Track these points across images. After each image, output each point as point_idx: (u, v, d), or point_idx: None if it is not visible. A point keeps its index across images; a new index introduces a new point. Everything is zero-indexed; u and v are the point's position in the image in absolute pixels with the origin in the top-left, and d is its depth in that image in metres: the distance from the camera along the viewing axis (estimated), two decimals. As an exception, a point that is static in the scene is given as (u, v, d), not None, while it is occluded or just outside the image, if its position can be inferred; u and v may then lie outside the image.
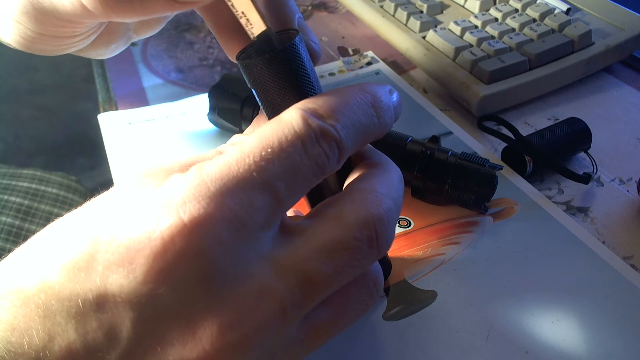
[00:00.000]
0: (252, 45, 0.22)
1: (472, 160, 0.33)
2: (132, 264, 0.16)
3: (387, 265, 0.30)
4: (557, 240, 0.33)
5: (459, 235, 0.33)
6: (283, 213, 0.19)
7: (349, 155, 0.21)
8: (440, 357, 0.27)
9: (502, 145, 0.40)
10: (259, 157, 0.18)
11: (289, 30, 0.23)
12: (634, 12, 0.49)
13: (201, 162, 0.19)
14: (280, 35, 0.23)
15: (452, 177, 0.33)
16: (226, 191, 0.17)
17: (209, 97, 0.40)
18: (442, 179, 0.33)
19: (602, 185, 0.38)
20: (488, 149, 0.41)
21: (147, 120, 0.43)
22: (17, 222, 0.57)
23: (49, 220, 0.19)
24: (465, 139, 0.41)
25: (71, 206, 0.19)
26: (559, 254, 0.32)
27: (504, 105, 0.44)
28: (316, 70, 0.23)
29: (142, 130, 0.42)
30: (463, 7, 0.54)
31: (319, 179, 0.19)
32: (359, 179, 0.21)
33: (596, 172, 0.38)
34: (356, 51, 0.53)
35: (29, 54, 0.27)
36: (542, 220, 0.34)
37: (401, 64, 0.51)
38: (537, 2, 0.51)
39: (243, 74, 0.22)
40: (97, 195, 0.19)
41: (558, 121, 0.40)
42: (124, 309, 0.16)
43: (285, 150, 0.18)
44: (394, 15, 0.54)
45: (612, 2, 0.51)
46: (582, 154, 0.39)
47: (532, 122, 0.43)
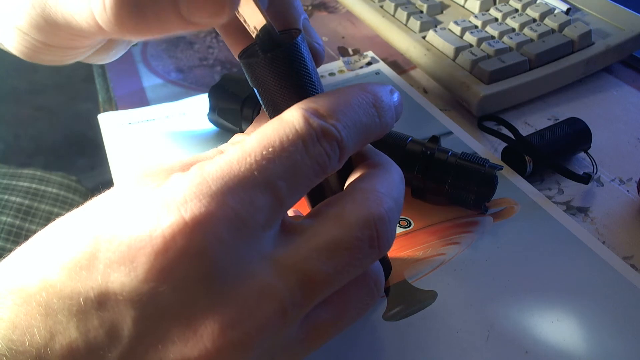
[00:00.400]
0: (255, 44, 0.22)
1: (472, 160, 0.33)
2: (134, 262, 0.16)
3: (387, 266, 0.30)
4: (557, 240, 0.33)
5: (459, 235, 0.33)
6: (284, 212, 0.19)
7: (350, 155, 0.21)
8: (440, 357, 0.27)
9: (502, 145, 0.40)
10: (260, 156, 0.18)
11: (291, 29, 0.23)
12: (634, 12, 0.49)
13: (202, 161, 0.19)
14: (283, 35, 0.23)
15: (452, 177, 0.33)
16: (227, 190, 0.17)
17: (209, 97, 0.40)
18: (442, 179, 0.33)
19: (602, 185, 0.38)
20: (488, 149, 0.41)
21: (147, 120, 0.43)
22: (17, 222, 0.57)
23: (49, 220, 0.19)
24: (465, 139, 0.41)
25: (71, 206, 0.19)
26: (559, 254, 0.32)
27: (504, 105, 0.44)
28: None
29: (142, 130, 0.42)
30: (463, 7, 0.54)
31: (320, 178, 0.19)
32: (360, 178, 0.21)
33: (596, 172, 0.38)
34: (356, 51, 0.53)
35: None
36: (542, 220, 0.34)
37: (401, 64, 0.51)
38: (537, 2, 0.51)
39: (245, 72, 0.22)
40: (98, 195, 0.19)
41: (558, 121, 0.40)
42: (125, 307, 0.16)
43: (286, 149, 0.18)
44: (394, 15, 0.54)
45: (612, 2, 0.51)
46: (582, 154, 0.39)
47: (532, 122, 0.43)
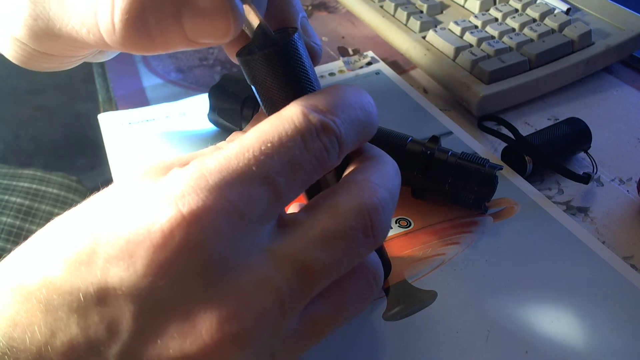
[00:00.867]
0: (252, 42, 0.22)
1: (472, 160, 0.33)
2: (132, 257, 0.16)
3: (387, 265, 0.30)
4: (557, 240, 0.33)
5: (459, 235, 0.33)
6: (282, 207, 0.19)
7: (348, 152, 0.21)
8: (440, 357, 0.27)
9: (502, 145, 0.40)
10: (258, 152, 0.18)
11: (288, 27, 0.23)
12: (634, 12, 0.49)
13: (201, 157, 0.19)
14: (280, 33, 0.23)
15: (452, 177, 0.33)
16: (225, 184, 0.17)
17: (209, 97, 0.40)
18: (442, 179, 0.33)
19: (602, 185, 0.38)
20: (488, 149, 0.41)
21: (147, 120, 0.43)
22: (17, 223, 0.57)
23: (50, 220, 0.19)
24: (465, 139, 0.41)
25: (72, 206, 0.19)
26: (559, 253, 0.32)
27: (504, 105, 0.44)
28: (316, 71, 0.23)
29: (142, 130, 0.42)
30: (463, 7, 0.54)
31: (319, 174, 0.19)
32: (354, 171, 0.21)
33: (596, 172, 0.38)
34: (356, 51, 0.53)
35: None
36: (542, 220, 0.34)
37: (401, 64, 0.52)
38: (537, 2, 0.51)
39: (243, 70, 0.22)
40: (97, 193, 0.19)
41: (558, 121, 0.40)
42: (124, 302, 0.16)
43: (285, 144, 0.18)
44: (394, 15, 0.54)
45: (612, 2, 0.51)
46: (582, 154, 0.39)
47: (532, 122, 0.43)
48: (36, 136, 1.33)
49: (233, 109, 0.38)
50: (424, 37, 0.50)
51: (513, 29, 0.48)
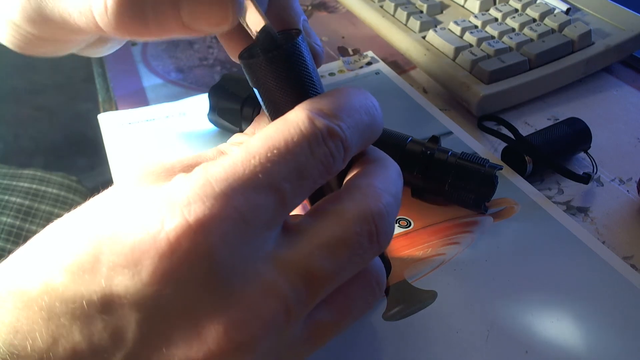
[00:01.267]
0: (255, 44, 0.22)
1: (472, 160, 0.33)
2: (138, 265, 0.16)
3: (387, 265, 0.30)
4: (557, 240, 0.33)
5: (459, 235, 0.33)
6: (288, 213, 0.19)
7: (353, 156, 0.21)
8: (440, 357, 0.27)
9: (502, 145, 0.40)
10: (264, 158, 0.18)
11: (291, 30, 0.23)
12: (634, 12, 0.49)
13: (205, 162, 0.19)
14: (283, 35, 0.23)
15: (452, 177, 0.33)
16: (231, 192, 0.17)
17: (209, 97, 0.40)
18: (442, 179, 0.33)
19: (602, 185, 0.38)
20: (488, 149, 0.41)
21: (147, 120, 0.43)
22: (17, 223, 0.57)
23: (50, 220, 0.19)
24: (465, 139, 0.41)
25: (72, 206, 0.19)
26: (559, 254, 0.32)
27: (504, 105, 0.44)
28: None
29: (142, 130, 0.42)
30: (463, 7, 0.54)
31: (324, 179, 0.19)
32: (358, 175, 0.21)
33: (596, 172, 0.38)
34: (356, 51, 0.53)
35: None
36: (542, 220, 0.34)
37: (401, 64, 0.52)
38: (537, 2, 0.51)
39: (245, 73, 0.22)
40: (96, 195, 0.19)
41: (558, 121, 0.40)
42: (129, 311, 0.16)
43: (291, 151, 0.18)
44: (394, 15, 0.54)
45: (612, 2, 0.51)
46: (582, 154, 0.39)
47: (532, 122, 0.43)
48: (36, 136, 1.33)
49: (233, 109, 0.38)
50: (423, 37, 0.50)
51: (513, 29, 0.48)
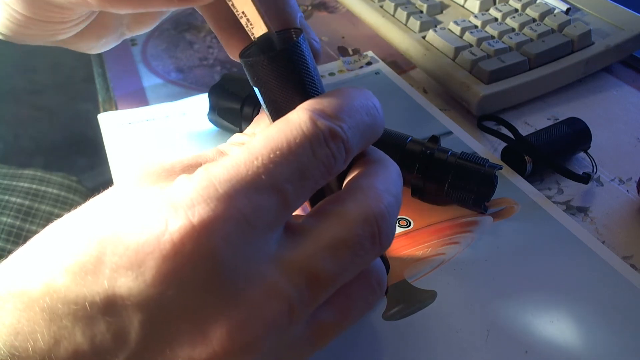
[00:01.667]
0: (255, 43, 0.22)
1: (472, 160, 0.33)
2: (141, 267, 0.16)
3: (385, 265, 0.30)
4: (557, 240, 0.33)
5: (459, 235, 0.33)
6: (290, 214, 0.19)
7: (354, 156, 0.21)
8: (439, 357, 0.27)
9: (502, 145, 0.40)
10: (267, 160, 0.18)
11: (291, 29, 0.23)
12: (634, 12, 0.49)
13: (205, 162, 0.19)
14: (283, 34, 0.23)
15: (452, 177, 0.33)
16: (234, 193, 0.17)
17: (209, 97, 0.40)
18: (442, 178, 0.33)
19: (602, 185, 0.38)
20: (488, 149, 0.41)
21: (147, 120, 0.43)
22: (17, 223, 0.57)
23: (50, 220, 0.19)
24: (465, 139, 0.41)
25: (72, 206, 0.19)
26: (559, 253, 0.32)
27: (504, 105, 0.44)
28: None
29: (142, 130, 0.42)
30: (463, 7, 0.54)
31: (325, 180, 0.19)
32: (359, 176, 0.21)
33: (596, 172, 0.38)
34: (356, 51, 0.53)
35: (28, 54, 0.26)
36: (542, 220, 0.34)
37: (401, 64, 0.52)
38: (537, 2, 0.51)
39: (246, 72, 0.22)
40: (97, 195, 0.19)
41: (558, 121, 0.40)
42: (133, 312, 0.16)
43: (293, 152, 0.18)
44: (394, 15, 0.54)
45: (612, 2, 0.51)
46: (582, 154, 0.39)
47: (532, 122, 0.43)
48: (36, 136, 1.32)
49: (233, 108, 0.38)
50: (423, 37, 0.50)
51: (513, 29, 0.48)
